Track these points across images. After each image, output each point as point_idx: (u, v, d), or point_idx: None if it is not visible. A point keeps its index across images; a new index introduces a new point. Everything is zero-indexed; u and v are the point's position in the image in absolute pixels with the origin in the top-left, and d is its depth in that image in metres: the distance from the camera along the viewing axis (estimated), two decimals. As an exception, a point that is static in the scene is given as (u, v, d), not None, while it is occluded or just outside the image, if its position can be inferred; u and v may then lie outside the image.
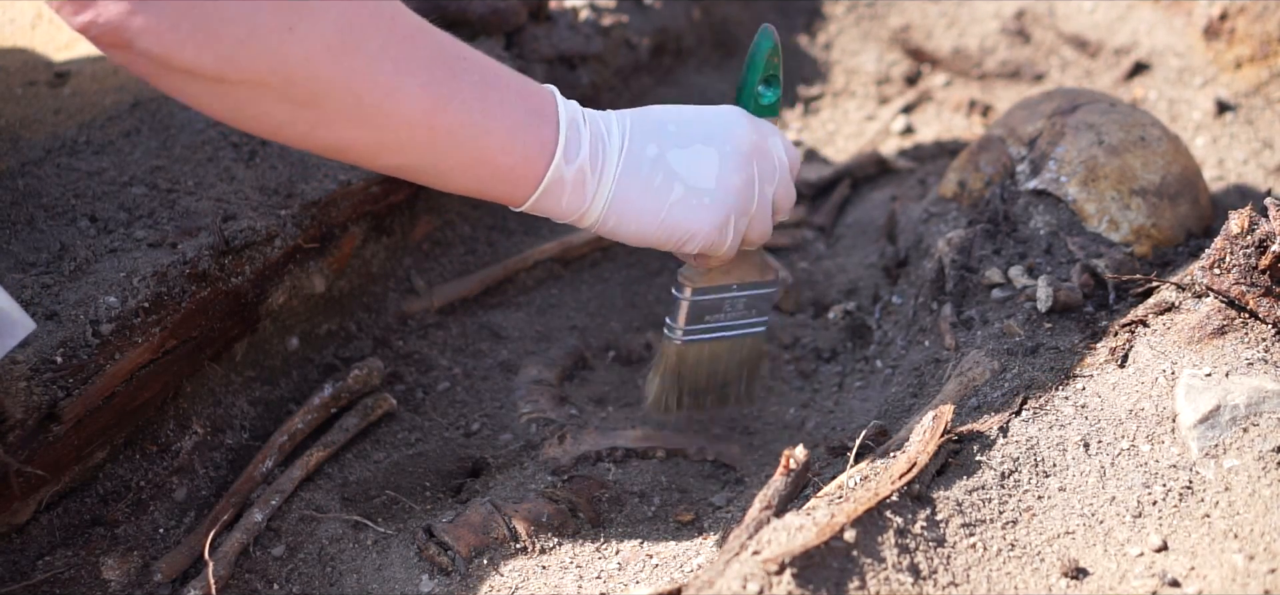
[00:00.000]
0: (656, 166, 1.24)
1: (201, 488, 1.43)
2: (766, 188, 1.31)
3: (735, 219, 1.28)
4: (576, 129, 1.21)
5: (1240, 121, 2.03)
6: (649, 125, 1.25)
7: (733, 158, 1.27)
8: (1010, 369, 1.39)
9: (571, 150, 1.20)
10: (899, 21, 2.29)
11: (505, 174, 1.18)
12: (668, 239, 1.27)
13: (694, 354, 1.40)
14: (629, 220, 1.24)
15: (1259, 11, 2.11)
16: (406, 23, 1.12)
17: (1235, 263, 1.32)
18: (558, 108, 1.21)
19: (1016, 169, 1.67)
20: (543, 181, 1.19)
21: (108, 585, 1.31)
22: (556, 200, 1.21)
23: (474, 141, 1.16)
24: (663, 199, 1.24)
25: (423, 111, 1.12)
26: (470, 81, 1.15)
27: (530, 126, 1.18)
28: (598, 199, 1.22)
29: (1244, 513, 1.18)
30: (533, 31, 1.90)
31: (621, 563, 1.34)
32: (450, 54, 1.15)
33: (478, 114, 1.15)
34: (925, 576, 1.16)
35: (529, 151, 1.18)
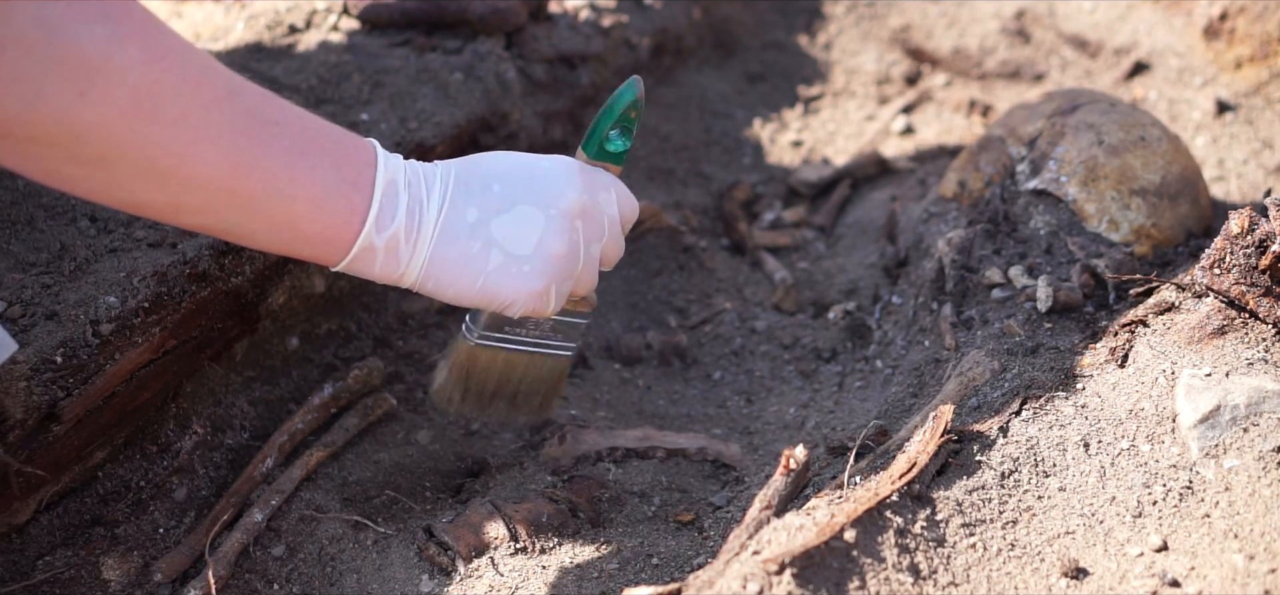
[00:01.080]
0: (475, 233, 1.21)
1: (201, 488, 1.43)
2: (593, 247, 1.28)
3: (557, 285, 1.25)
4: (392, 196, 1.18)
5: (1240, 121, 2.03)
6: (474, 184, 1.22)
7: (557, 221, 1.24)
8: (1010, 369, 1.39)
9: (384, 219, 1.17)
10: (899, 21, 2.29)
11: (312, 239, 1.16)
12: (487, 304, 1.25)
13: (486, 359, 1.36)
14: (446, 285, 1.22)
15: (1259, 11, 2.11)
16: (212, 87, 1.09)
17: (1235, 263, 1.32)
18: (377, 173, 1.17)
19: (1016, 169, 1.67)
20: (352, 249, 1.17)
21: (108, 585, 1.31)
22: (369, 265, 1.19)
23: (278, 207, 1.13)
24: (480, 267, 1.22)
25: (222, 177, 1.09)
26: (279, 148, 1.11)
27: (340, 194, 1.15)
28: (413, 265, 1.20)
29: (1244, 513, 1.18)
30: (533, 31, 1.90)
31: (621, 563, 1.34)
32: (260, 118, 1.11)
33: (283, 181, 1.12)
34: (925, 576, 1.16)
35: (336, 219, 1.15)
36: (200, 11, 1.86)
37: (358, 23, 1.83)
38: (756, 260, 1.85)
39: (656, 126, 2.05)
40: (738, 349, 1.70)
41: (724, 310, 1.76)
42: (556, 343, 1.38)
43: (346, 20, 1.83)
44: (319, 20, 1.83)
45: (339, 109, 1.67)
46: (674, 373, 1.67)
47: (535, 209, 1.23)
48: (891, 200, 1.89)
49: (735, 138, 2.10)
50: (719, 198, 1.96)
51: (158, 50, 1.04)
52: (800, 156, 2.08)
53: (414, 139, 1.65)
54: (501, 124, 1.81)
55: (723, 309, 1.76)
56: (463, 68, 1.78)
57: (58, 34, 0.99)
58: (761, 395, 1.63)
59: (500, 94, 1.80)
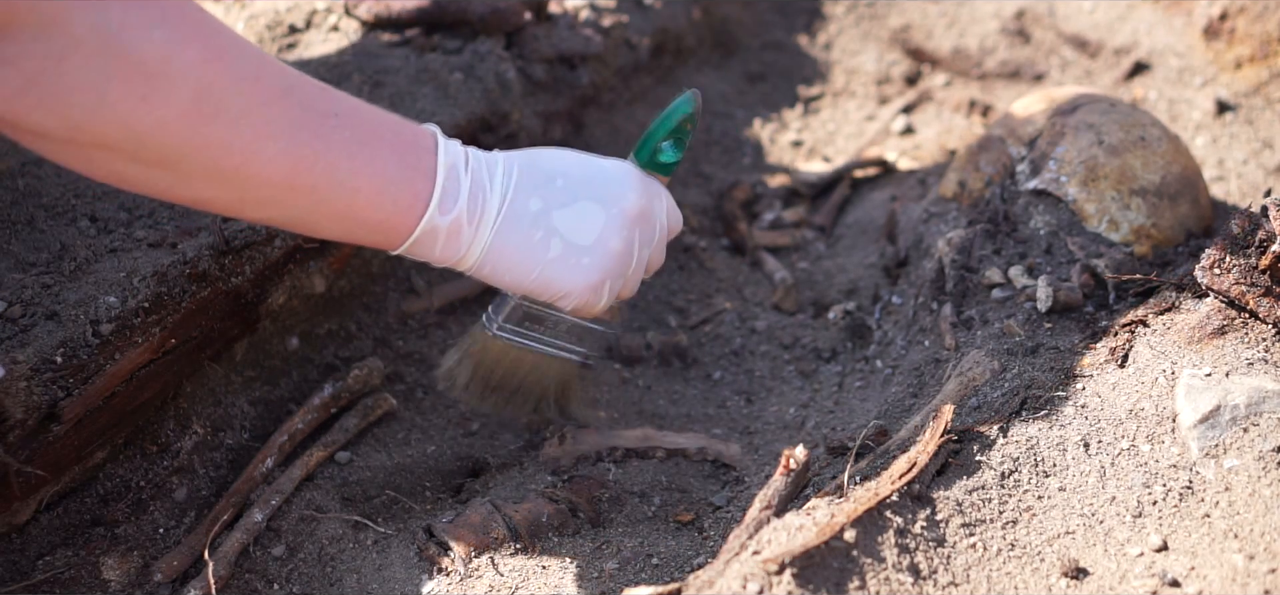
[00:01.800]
0: (537, 222, 1.23)
1: (201, 488, 1.43)
2: (645, 251, 1.31)
3: (611, 281, 1.28)
4: (455, 179, 1.20)
5: (1240, 121, 2.03)
6: (537, 176, 1.25)
7: (617, 220, 1.26)
8: (1010, 369, 1.39)
9: (447, 202, 1.19)
10: (899, 21, 2.29)
11: (376, 226, 1.18)
12: (542, 293, 1.27)
13: (498, 350, 1.38)
14: (504, 271, 1.24)
15: (1259, 11, 2.11)
16: (270, 83, 1.10)
17: (1235, 263, 1.32)
18: (438, 156, 1.19)
19: (1016, 169, 1.67)
20: (414, 233, 1.19)
21: (108, 585, 1.31)
22: (430, 248, 1.21)
23: (342, 199, 1.15)
24: (540, 255, 1.24)
25: (285, 173, 1.11)
26: (339, 139, 1.13)
27: (403, 181, 1.17)
28: (474, 248, 1.22)
29: (1244, 513, 1.18)
30: (533, 31, 1.90)
31: (621, 563, 1.34)
32: (318, 111, 1.13)
33: (345, 172, 1.14)
34: (925, 576, 1.16)
35: (399, 205, 1.17)
36: (200, 11, 1.86)
37: (358, 23, 1.83)
38: (756, 260, 1.85)
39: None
40: (738, 349, 1.71)
41: (724, 310, 1.76)
42: (571, 346, 1.40)
43: (347, 20, 1.83)
44: (319, 20, 1.84)
45: (339, 109, 1.67)
46: (674, 373, 1.67)
47: (597, 206, 1.26)
48: (891, 200, 1.89)
49: (735, 138, 2.10)
50: (719, 198, 1.96)
51: (215, 49, 1.05)
52: (800, 156, 2.08)
53: (414, 139, 1.65)
54: (501, 124, 1.81)
55: (723, 309, 1.76)
56: (463, 68, 1.78)
57: (117, 39, 1.00)
58: (761, 395, 1.63)
59: (500, 94, 1.80)
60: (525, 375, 1.41)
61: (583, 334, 1.39)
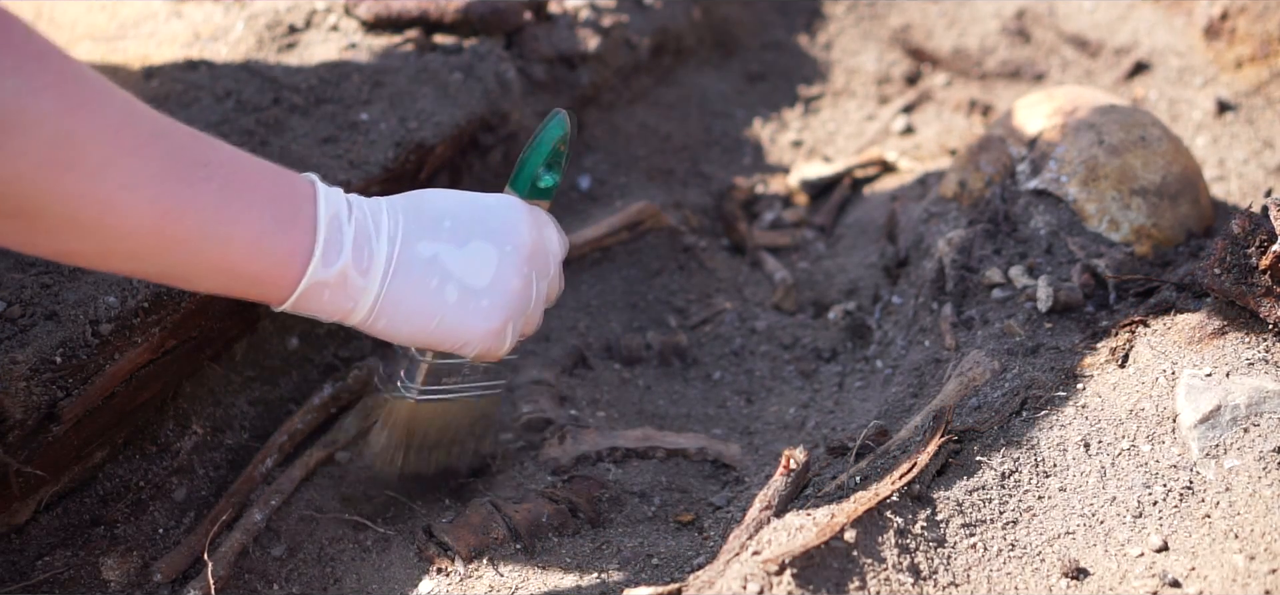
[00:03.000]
0: (431, 268, 1.19)
1: (201, 488, 1.43)
2: (542, 284, 1.27)
3: (513, 321, 1.24)
4: (337, 229, 1.15)
5: (1241, 121, 2.03)
6: (424, 220, 1.20)
7: (512, 258, 1.22)
8: (1011, 369, 1.39)
9: (330, 253, 1.14)
10: (899, 21, 2.29)
11: (255, 280, 1.13)
12: (443, 343, 1.22)
13: (427, 413, 1.34)
14: (401, 322, 1.19)
15: (1259, 11, 2.11)
16: (135, 132, 1.05)
17: (1236, 263, 1.32)
18: (318, 207, 1.14)
19: (1017, 169, 1.67)
20: (298, 287, 1.14)
21: (107, 585, 1.31)
22: (317, 302, 1.16)
23: (214, 251, 1.10)
24: (438, 302, 1.19)
25: (151, 223, 1.06)
26: (210, 189, 1.08)
27: (279, 232, 1.12)
28: (364, 300, 1.17)
29: (1245, 513, 1.18)
30: (533, 31, 1.90)
31: (621, 563, 1.34)
32: (188, 160, 1.08)
33: (215, 223, 1.09)
34: (925, 577, 1.16)
35: (277, 257, 1.12)
36: (200, 11, 1.86)
37: (357, 22, 1.83)
38: (756, 260, 1.85)
39: (656, 126, 2.05)
40: (738, 349, 1.70)
41: (724, 310, 1.76)
42: (487, 382, 1.37)
43: (346, 20, 1.83)
44: (319, 20, 1.83)
45: (339, 109, 1.66)
46: (674, 373, 1.67)
47: (490, 245, 1.21)
48: (891, 200, 1.89)
49: (735, 138, 2.10)
50: (719, 198, 1.96)
51: (76, 98, 1.01)
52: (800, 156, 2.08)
53: (414, 138, 1.65)
54: (501, 124, 1.81)
55: (723, 309, 1.76)
56: (462, 67, 1.78)
57: None
58: (761, 395, 1.63)
59: (500, 94, 1.80)
60: (458, 424, 1.38)
61: (492, 367, 1.36)
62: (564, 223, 1.86)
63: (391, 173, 1.62)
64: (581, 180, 1.92)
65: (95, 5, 1.90)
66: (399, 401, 1.34)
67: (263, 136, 1.60)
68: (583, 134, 1.97)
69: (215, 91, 1.65)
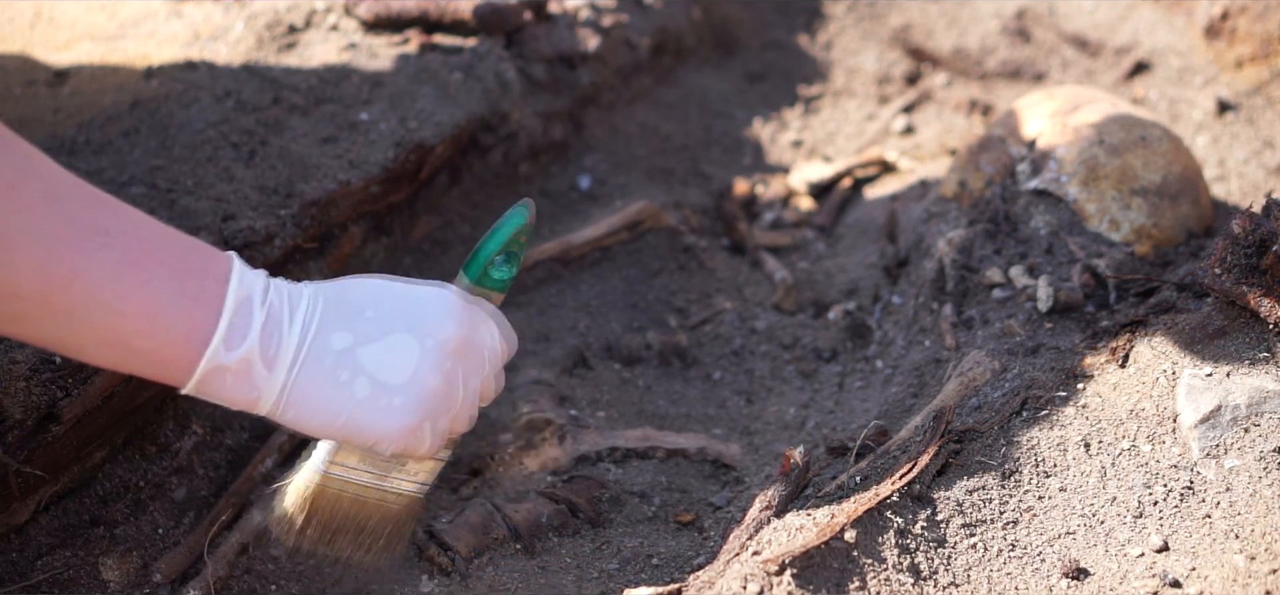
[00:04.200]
0: (342, 361, 1.11)
1: (201, 488, 1.43)
2: (472, 382, 1.19)
3: (432, 421, 1.16)
4: (245, 313, 1.08)
5: (1241, 121, 2.03)
6: (345, 308, 1.13)
7: (433, 354, 1.14)
8: (1011, 369, 1.39)
9: (234, 337, 1.07)
10: (899, 21, 2.29)
11: (151, 358, 1.07)
12: (353, 438, 1.14)
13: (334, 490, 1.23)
14: (308, 415, 1.12)
15: (1260, 11, 2.11)
16: (28, 191, 1.00)
17: (1236, 263, 1.32)
18: (228, 288, 1.08)
19: (1017, 168, 1.67)
20: (196, 369, 1.07)
21: (107, 585, 1.31)
22: (220, 387, 1.09)
23: (103, 322, 1.04)
24: (345, 398, 1.12)
25: (36, 287, 1.00)
26: (106, 258, 1.03)
27: (179, 309, 1.06)
28: (269, 390, 1.10)
29: (1245, 513, 1.17)
30: (533, 31, 1.89)
31: (621, 563, 1.34)
32: (86, 225, 1.02)
33: (108, 294, 1.03)
34: (926, 577, 1.16)
35: (174, 336, 1.06)
36: (200, 11, 1.86)
37: (357, 22, 1.83)
38: (756, 260, 1.85)
39: (656, 126, 2.05)
40: (738, 349, 1.70)
41: (724, 310, 1.76)
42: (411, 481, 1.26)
43: (346, 20, 1.83)
44: (319, 20, 1.83)
45: (339, 109, 1.66)
46: (674, 373, 1.67)
47: (411, 338, 1.14)
48: (892, 200, 1.89)
49: (735, 138, 2.10)
50: (719, 198, 1.96)
51: None
52: (800, 156, 2.08)
53: (414, 138, 1.65)
54: (501, 124, 1.81)
55: (723, 309, 1.76)
56: (462, 67, 1.78)
57: None
58: (761, 395, 1.63)
59: (500, 93, 1.80)
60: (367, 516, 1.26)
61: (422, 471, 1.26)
62: (564, 223, 1.86)
63: (391, 172, 1.62)
64: (581, 180, 1.92)
65: (95, 5, 1.90)
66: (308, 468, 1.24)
67: (263, 136, 1.60)
68: (583, 134, 1.97)
69: (215, 91, 1.65)
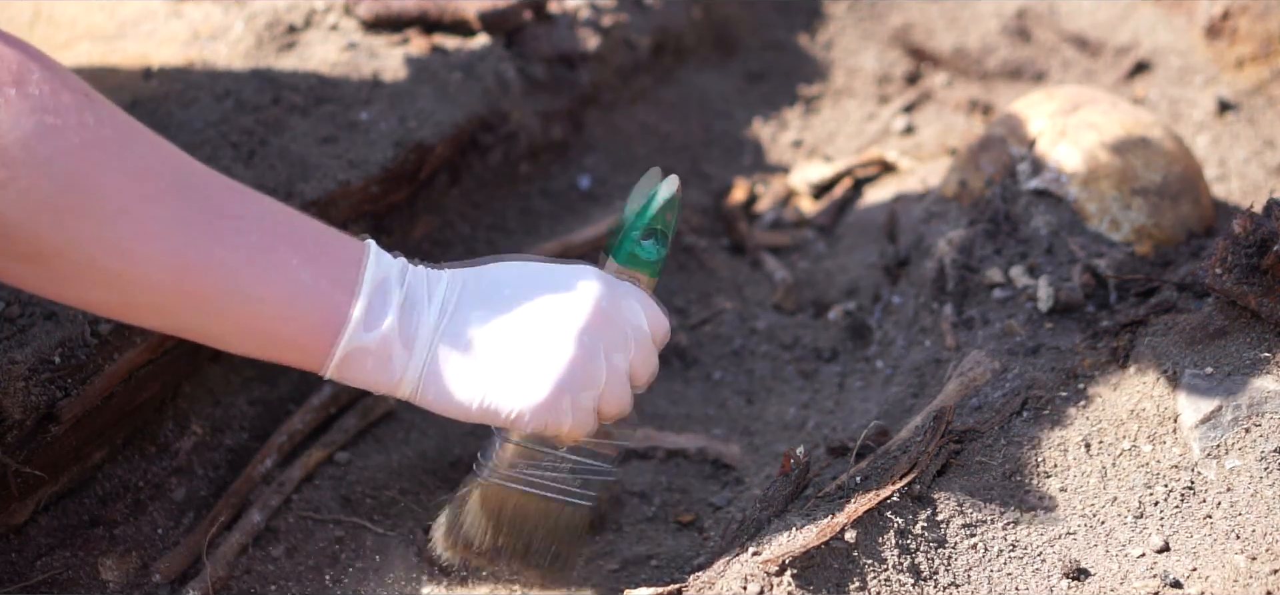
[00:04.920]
0: (480, 339, 1.10)
1: (200, 488, 1.43)
2: (617, 357, 1.15)
3: (573, 396, 1.13)
4: (383, 293, 1.08)
5: (1242, 120, 2.03)
6: (482, 287, 1.13)
7: (570, 326, 1.12)
8: (1011, 369, 1.39)
9: (373, 319, 1.07)
10: (900, 20, 2.29)
11: (290, 343, 1.07)
12: (494, 417, 1.13)
13: (496, 498, 1.22)
14: (446, 396, 1.11)
15: (1261, 11, 2.11)
16: (159, 178, 1.00)
17: (1237, 263, 1.32)
18: (365, 270, 1.08)
19: (1017, 168, 1.67)
20: (335, 351, 1.07)
21: (106, 586, 1.31)
22: (359, 370, 1.09)
23: (243, 309, 1.04)
24: (484, 374, 1.11)
25: (171, 277, 1.00)
26: (241, 244, 1.03)
27: (316, 292, 1.05)
28: (409, 372, 1.10)
29: (1246, 513, 1.17)
30: (533, 31, 1.89)
31: (621, 563, 1.34)
32: (217, 211, 1.02)
33: (245, 280, 1.03)
34: (926, 577, 1.16)
35: (313, 320, 1.06)
36: (200, 11, 1.86)
37: (357, 22, 1.83)
38: (756, 260, 1.85)
39: (656, 126, 2.05)
40: (738, 349, 1.70)
41: (724, 310, 1.75)
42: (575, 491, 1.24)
43: (346, 20, 1.83)
44: (319, 20, 1.83)
45: (338, 108, 1.66)
46: (674, 373, 1.67)
47: (548, 311, 1.12)
48: (892, 200, 1.89)
49: (735, 138, 2.10)
50: (719, 198, 1.96)
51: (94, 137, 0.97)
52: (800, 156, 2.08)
53: (414, 138, 1.65)
54: (501, 123, 1.81)
55: (723, 309, 1.76)
56: (462, 67, 1.78)
57: None
58: (761, 395, 1.63)
59: (500, 93, 1.80)
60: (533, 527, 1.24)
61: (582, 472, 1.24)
62: (564, 222, 1.86)
63: (391, 172, 1.62)
64: (581, 180, 1.92)
65: (94, 4, 1.90)
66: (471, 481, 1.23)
67: (262, 136, 1.59)
68: (583, 134, 1.97)
69: (215, 91, 1.65)
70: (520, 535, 1.24)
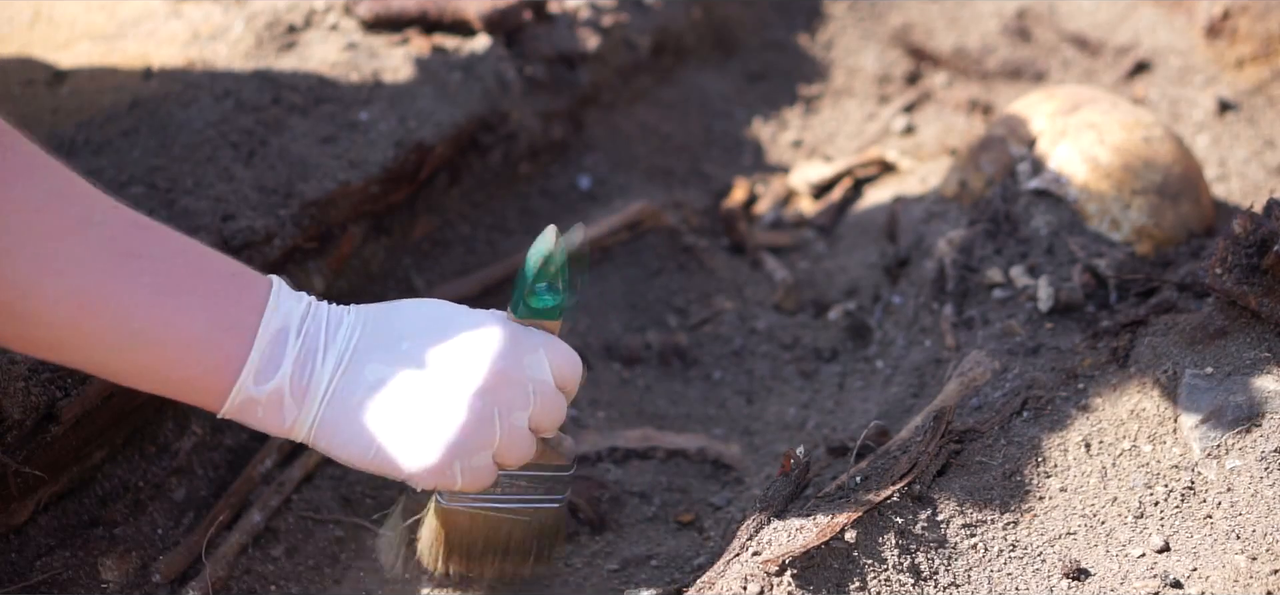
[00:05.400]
0: (372, 396, 1.09)
1: (200, 488, 1.43)
2: (516, 416, 1.13)
3: (464, 460, 1.12)
4: (279, 345, 1.06)
5: (1242, 120, 2.03)
6: (382, 335, 1.11)
7: (464, 390, 1.10)
8: (1011, 369, 1.39)
9: (265, 371, 1.06)
10: (900, 20, 2.29)
11: (186, 386, 1.06)
12: (384, 472, 1.12)
13: (465, 520, 1.23)
14: (339, 447, 1.11)
15: (1261, 11, 2.11)
16: (64, 213, 0.99)
17: (1237, 262, 1.32)
18: (263, 319, 1.06)
19: (1017, 168, 1.67)
20: (227, 400, 1.06)
21: (106, 586, 1.30)
22: (251, 417, 1.08)
23: (140, 350, 1.02)
24: (375, 433, 1.09)
25: (69, 314, 0.99)
26: (142, 283, 1.01)
27: (211, 339, 1.04)
28: (301, 423, 1.09)
29: (1246, 513, 1.17)
30: (533, 31, 1.89)
31: (622, 563, 1.34)
32: (119, 248, 1.01)
33: (143, 321, 1.01)
34: (926, 577, 1.16)
35: (206, 366, 1.05)
36: (199, 11, 1.86)
37: (357, 22, 1.83)
38: (756, 260, 1.85)
39: (656, 126, 2.05)
40: (738, 349, 1.70)
41: (724, 310, 1.75)
42: (537, 497, 1.25)
43: (346, 20, 1.83)
44: (318, 20, 1.83)
45: (338, 108, 1.66)
46: (674, 373, 1.67)
47: (442, 374, 1.10)
48: (892, 200, 1.89)
49: (735, 138, 2.09)
50: (719, 198, 1.96)
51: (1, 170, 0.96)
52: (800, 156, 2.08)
53: (414, 138, 1.65)
54: (501, 123, 1.81)
55: (723, 309, 1.76)
56: (462, 67, 1.78)
57: None
58: (761, 395, 1.63)
59: (500, 93, 1.80)
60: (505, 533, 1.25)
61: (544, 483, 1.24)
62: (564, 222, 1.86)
63: (391, 172, 1.62)
64: (581, 180, 1.92)
65: (94, 4, 1.90)
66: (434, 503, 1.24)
67: (262, 136, 1.59)
68: (583, 134, 1.97)
69: (214, 91, 1.65)
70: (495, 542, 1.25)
